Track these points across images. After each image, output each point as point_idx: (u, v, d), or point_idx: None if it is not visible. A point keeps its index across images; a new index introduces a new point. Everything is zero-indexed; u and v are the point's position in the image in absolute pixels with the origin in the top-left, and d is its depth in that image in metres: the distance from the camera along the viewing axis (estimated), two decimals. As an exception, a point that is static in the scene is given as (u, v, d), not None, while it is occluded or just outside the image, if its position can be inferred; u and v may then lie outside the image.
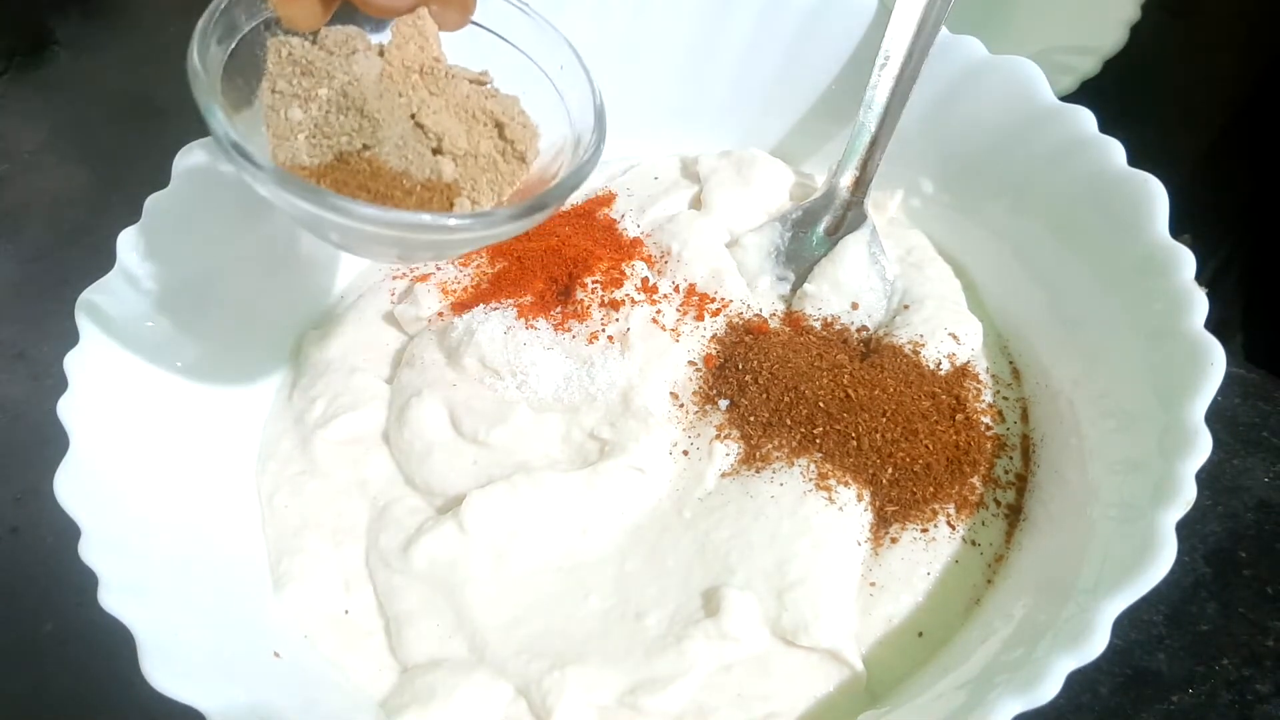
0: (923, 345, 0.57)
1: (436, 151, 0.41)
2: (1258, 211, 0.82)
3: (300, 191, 0.37)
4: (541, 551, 0.51)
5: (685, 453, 0.54)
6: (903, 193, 0.66)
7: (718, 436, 0.54)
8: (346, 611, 0.51)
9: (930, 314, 0.58)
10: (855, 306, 0.60)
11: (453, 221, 0.39)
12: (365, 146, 0.40)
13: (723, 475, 0.53)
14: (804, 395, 0.54)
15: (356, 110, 0.40)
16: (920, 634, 0.49)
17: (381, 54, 0.42)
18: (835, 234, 0.63)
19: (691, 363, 0.57)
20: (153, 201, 0.51)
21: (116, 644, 0.39)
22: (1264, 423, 0.61)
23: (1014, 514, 0.53)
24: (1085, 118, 0.54)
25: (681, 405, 0.56)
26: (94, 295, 0.49)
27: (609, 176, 0.70)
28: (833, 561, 0.49)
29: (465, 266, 0.62)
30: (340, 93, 0.41)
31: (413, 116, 0.41)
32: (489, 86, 0.45)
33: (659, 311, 0.58)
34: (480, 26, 0.46)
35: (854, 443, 0.52)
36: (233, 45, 0.41)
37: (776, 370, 0.55)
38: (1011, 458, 0.55)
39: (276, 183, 0.37)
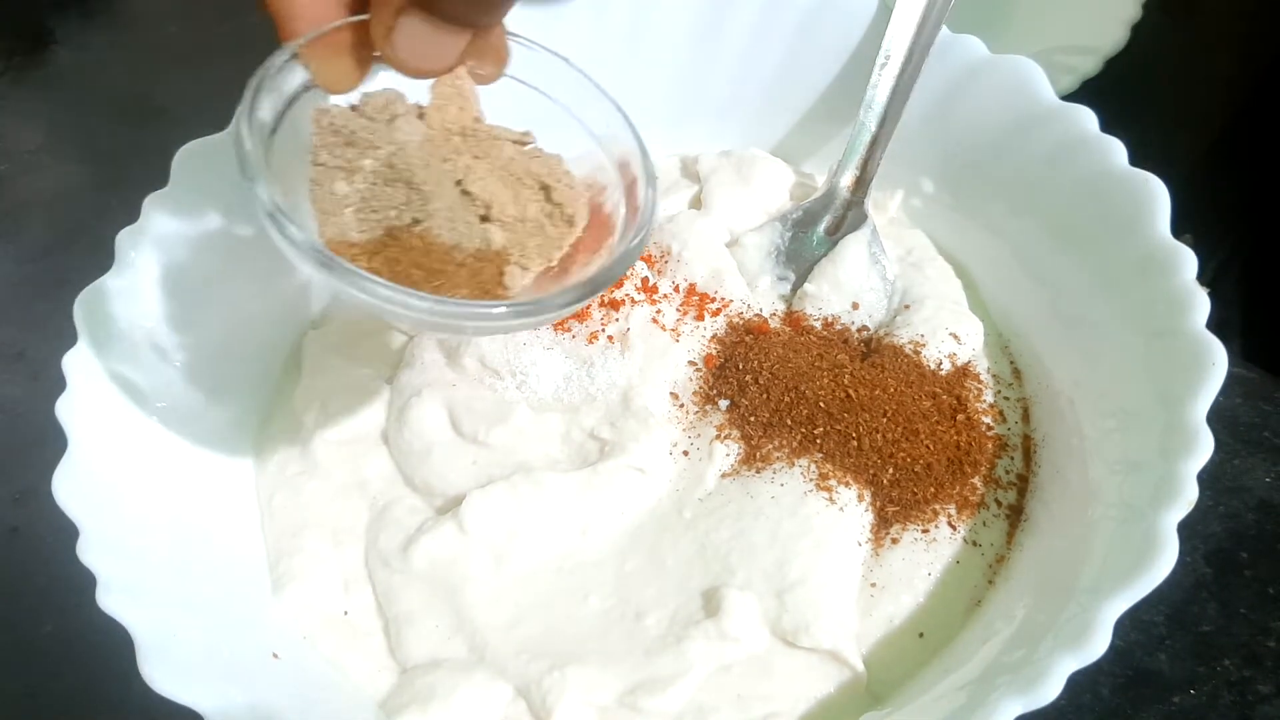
0: (923, 345, 0.57)
1: (484, 219, 0.40)
2: (1258, 211, 0.82)
3: (343, 277, 0.35)
4: (541, 552, 0.51)
5: (685, 453, 0.54)
6: (903, 193, 0.66)
7: (718, 437, 0.54)
8: (346, 612, 0.51)
9: (931, 314, 0.58)
10: (856, 306, 0.60)
11: (501, 309, 0.38)
12: (415, 220, 0.39)
13: (723, 475, 0.53)
14: (804, 395, 0.53)
15: (404, 182, 0.39)
16: (921, 635, 0.49)
17: (421, 116, 0.40)
18: (835, 234, 0.63)
19: (691, 363, 0.57)
20: (152, 201, 0.51)
21: (116, 644, 0.39)
22: (1265, 423, 0.61)
23: (1015, 514, 0.53)
24: (1086, 117, 0.54)
25: (681, 405, 0.56)
26: (93, 295, 0.48)
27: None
28: (833, 562, 0.49)
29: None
30: (385, 164, 0.39)
31: (458, 183, 0.39)
32: (531, 147, 0.43)
33: (659, 311, 0.58)
34: (516, 80, 0.43)
35: (854, 443, 0.52)
36: (278, 113, 0.39)
37: (777, 370, 0.55)
38: (1013, 458, 0.55)
39: (319, 264, 0.35)
